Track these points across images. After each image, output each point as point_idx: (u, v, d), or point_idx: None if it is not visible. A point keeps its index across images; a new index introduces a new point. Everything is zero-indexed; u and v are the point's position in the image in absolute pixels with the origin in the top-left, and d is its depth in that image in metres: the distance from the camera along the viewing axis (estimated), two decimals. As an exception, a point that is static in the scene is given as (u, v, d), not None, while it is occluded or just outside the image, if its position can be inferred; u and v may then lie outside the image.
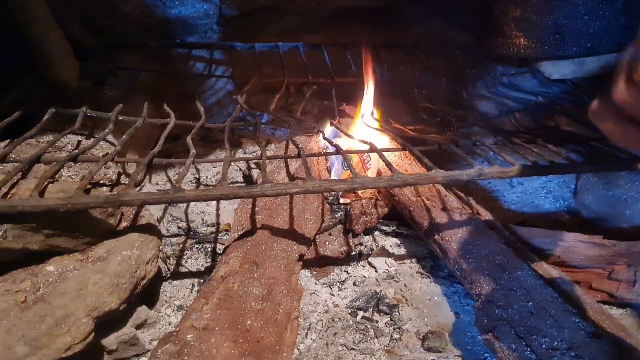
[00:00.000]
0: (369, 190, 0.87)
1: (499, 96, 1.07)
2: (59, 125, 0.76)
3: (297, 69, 1.04)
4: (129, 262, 0.60)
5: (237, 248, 0.69)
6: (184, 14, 0.97)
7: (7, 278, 0.56)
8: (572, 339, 0.59)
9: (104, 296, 0.56)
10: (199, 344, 0.52)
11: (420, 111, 1.05)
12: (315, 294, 0.76)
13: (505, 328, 0.64)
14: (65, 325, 0.51)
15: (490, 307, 0.67)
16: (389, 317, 0.74)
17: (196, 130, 0.76)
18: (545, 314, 0.63)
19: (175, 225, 0.84)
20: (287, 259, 0.70)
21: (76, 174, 0.69)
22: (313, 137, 0.91)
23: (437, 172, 0.60)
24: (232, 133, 1.10)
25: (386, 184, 0.58)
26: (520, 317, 0.63)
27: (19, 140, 0.66)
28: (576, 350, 0.58)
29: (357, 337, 0.69)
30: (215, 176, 0.94)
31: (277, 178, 0.82)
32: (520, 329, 0.62)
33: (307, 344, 0.68)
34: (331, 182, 0.59)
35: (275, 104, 0.92)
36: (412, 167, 0.88)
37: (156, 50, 1.02)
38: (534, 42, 0.94)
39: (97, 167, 0.61)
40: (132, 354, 0.63)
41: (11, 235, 0.54)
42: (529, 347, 0.61)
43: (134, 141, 0.89)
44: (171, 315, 0.71)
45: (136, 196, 0.55)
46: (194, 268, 0.79)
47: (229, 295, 0.60)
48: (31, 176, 0.62)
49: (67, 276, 0.57)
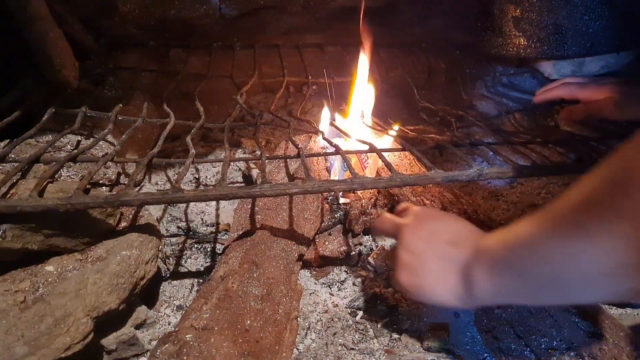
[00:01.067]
0: (369, 190, 0.87)
1: (499, 96, 1.07)
2: (59, 125, 0.76)
3: (297, 69, 1.04)
4: (129, 262, 0.60)
5: (236, 248, 0.69)
6: (183, 14, 0.97)
7: (6, 278, 0.56)
8: (572, 339, 0.59)
9: (103, 296, 0.56)
10: (198, 344, 0.52)
11: (419, 111, 1.05)
12: (314, 294, 0.76)
13: (504, 328, 0.64)
14: (65, 325, 0.51)
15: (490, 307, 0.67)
16: (388, 317, 0.74)
17: (196, 130, 0.76)
18: (545, 314, 0.63)
19: (174, 225, 0.84)
20: (286, 259, 0.70)
21: (75, 173, 0.69)
22: (312, 136, 0.91)
23: (436, 172, 0.60)
24: (232, 133, 1.10)
25: (385, 185, 0.58)
26: (520, 316, 0.63)
27: (18, 140, 0.66)
28: (575, 350, 0.58)
29: (357, 337, 0.69)
30: (215, 176, 0.94)
31: (277, 178, 0.82)
32: (519, 329, 0.62)
33: (306, 343, 0.68)
34: (330, 182, 0.59)
35: (275, 104, 0.92)
36: (412, 167, 0.88)
37: (156, 50, 1.02)
38: (534, 42, 0.94)
39: (97, 167, 0.61)
40: (132, 354, 0.63)
41: (10, 235, 0.54)
42: (528, 346, 0.61)
43: (134, 141, 0.89)
44: (170, 315, 0.71)
45: (135, 196, 0.55)
46: (194, 268, 0.79)
47: (229, 295, 0.60)
48: (30, 176, 0.62)
49: (66, 276, 0.57)
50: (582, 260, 0.34)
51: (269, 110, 0.90)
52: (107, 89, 0.89)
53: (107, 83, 0.90)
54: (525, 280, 0.42)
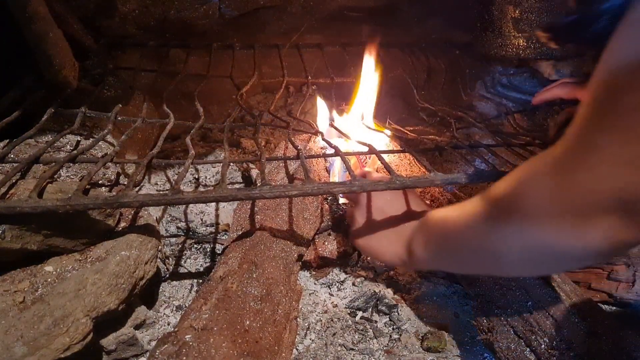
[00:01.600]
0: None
1: (498, 97, 1.07)
2: (58, 125, 0.75)
3: (297, 69, 1.04)
4: (128, 263, 0.60)
5: (236, 248, 0.69)
6: (183, 14, 0.97)
7: (5, 278, 0.56)
8: (572, 339, 0.59)
9: (102, 296, 0.56)
10: (198, 344, 0.52)
11: (419, 111, 1.05)
12: (314, 294, 0.76)
13: (504, 328, 0.64)
14: (64, 326, 0.51)
15: (490, 307, 0.67)
16: (388, 317, 0.74)
17: (195, 130, 0.76)
18: (545, 314, 0.63)
19: (174, 226, 0.84)
20: (286, 259, 0.70)
21: (75, 173, 0.69)
22: (312, 137, 0.91)
23: (435, 175, 0.61)
24: (232, 133, 1.10)
25: (385, 187, 0.58)
26: (520, 316, 0.63)
27: (18, 140, 0.66)
28: (575, 350, 0.58)
29: (356, 338, 0.69)
30: (214, 176, 0.94)
31: (276, 178, 0.82)
32: (519, 329, 0.62)
33: (306, 344, 0.68)
34: (330, 184, 0.59)
35: (274, 104, 0.92)
36: (412, 167, 0.88)
37: (156, 50, 1.02)
38: (533, 42, 0.94)
39: (96, 168, 0.61)
40: (131, 354, 0.63)
41: (10, 236, 0.54)
42: (528, 346, 0.61)
43: (133, 141, 0.89)
44: (170, 316, 0.71)
45: (135, 198, 0.55)
46: (193, 268, 0.79)
47: (228, 295, 0.60)
48: (30, 176, 0.62)
49: (65, 276, 0.57)
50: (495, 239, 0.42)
51: (269, 111, 0.90)
52: (107, 89, 0.89)
53: (107, 83, 0.90)
54: (451, 251, 0.51)
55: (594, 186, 0.33)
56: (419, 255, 0.54)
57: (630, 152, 0.30)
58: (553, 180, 0.36)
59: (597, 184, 0.32)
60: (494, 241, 0.42)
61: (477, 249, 0.45)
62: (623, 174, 0.31)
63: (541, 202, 0.37)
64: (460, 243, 0.48)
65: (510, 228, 0.40)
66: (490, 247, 0.43)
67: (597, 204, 0.33)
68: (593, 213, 0.33)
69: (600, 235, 0.34)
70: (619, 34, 0.32)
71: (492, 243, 0.43)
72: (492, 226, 0.42)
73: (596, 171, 0.32)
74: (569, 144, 0.35)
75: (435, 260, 0.54)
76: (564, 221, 0.35)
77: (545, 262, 0.41)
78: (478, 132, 1.02)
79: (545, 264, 0.42)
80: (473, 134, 1.06)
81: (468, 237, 0.46)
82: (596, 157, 0.32)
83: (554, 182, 0.36)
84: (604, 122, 0.32)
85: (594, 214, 0.33)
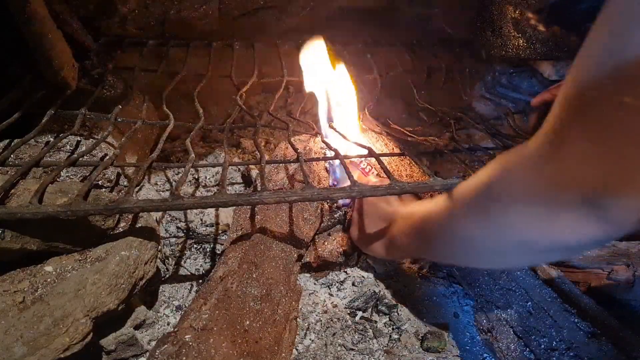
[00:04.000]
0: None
1: (498, 97, 1.07)
2: (58, 125, 0.75)
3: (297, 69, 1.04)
4: (128, 263, 0.60)
5: (235, 248, 0.69)
6: (183, 14, 0.97)
7: (5, 278, 0.56)
8: (571, 339, 0.59)
9: (102, 296, 0.56)
10: (198, 345, 0.52)
11: (419, 112, 1.05)
12: (314, 294, 0.76)
13: (504, 328, 0.64)
14: (64, 326, 0.51)
15: (490, 307, 0.67)
16: (387, 317, 0.74)
17: (195, 132, 0.76)
18: (544, 314, 0.63)
19: (174, 226, 0.84)
20: (285, 260, 0.70)
21: (75, 174, 0.69)
22: (312, 137, 0.90)
23: (435, 180, 0.61)
24: (232, 133, 1.10)
25: (384, 193, 0.58)
26: (519, 317, 0.63)
27: (18, 142, 0.66)
28: (575, 350, 0.58)
29: (356, 338, 0.69)
30: (214, 176, 0.94)
31: (276, 178, 0.82)
32: (519, 329, 0.63)
33: (305, 344, 0.68)
34: (330, 190, 0.60)
35: (274, 105, 0.92)
36: (412, 167, 0.88)
37: (155, 50, 1.02)
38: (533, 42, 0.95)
39: (97, 172, 0.61)
40: (131, 354, 0.63)
41: (9, 236, 0.54)
42: (527, 347, 0.61)
43: (133, 141, 0.89)
44: (170, 316, 0.71)
45: (135, 203, 0.55)
46: (193, 268, 0.79)
47: (228, 295, 0.60)
48: (30, 176, 0.62)
49: (65, 276, 0.57)
50: (469, 228, 0.45)
51: (269, 111, 0.90)
52: (107, 89, 0.89)
53: (107, 83, 0.89)
54: (427, 242, 0.55)
55: (561, 180, 0.34)
56: (400, 246, 0.60)
57: (596, 149, 0.31)
58: (526, 172, 0.37)
59: (564, 178, 0.33)
60: (467, 230, 0.44)
61: (451, 238, 0.48)
62: (588, 170, 0.32)
63: (514, 193, 0.38)
64: (436, 233, 0.52)
65: (483, 217, 0.41)
66: (464, 235, 0.45)
67: (564, 197, 0.34)
68: (560, 206, 0.34)
69: (568, 229, 0.35)
70: (594, 32, 0.33)
71: (466, 232, 0.45)
72: (466, 216, 0.44)
73: (564, 165, 0.33)
74: (541, 139, 0.35)
75: (417, 249, 0.60)
76: (534, 213, 0.36)
77: (514, 253, 0.42)
78: (478, 133, 1.02)
79: (515, 255, 0.43)
80: (473, 134, 1.06)
81: (443, 227, 0.49)
82: (564, 152, 0.33)
83: (526, 174, 0.37)
84: (573, 120, 0.33)
85: (561, 207, 0.34)
